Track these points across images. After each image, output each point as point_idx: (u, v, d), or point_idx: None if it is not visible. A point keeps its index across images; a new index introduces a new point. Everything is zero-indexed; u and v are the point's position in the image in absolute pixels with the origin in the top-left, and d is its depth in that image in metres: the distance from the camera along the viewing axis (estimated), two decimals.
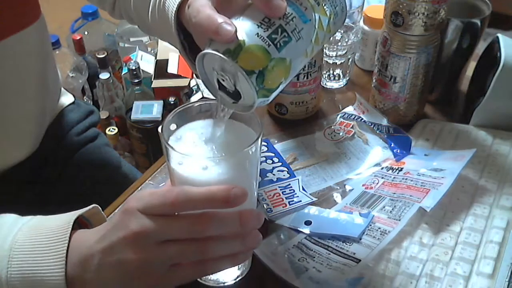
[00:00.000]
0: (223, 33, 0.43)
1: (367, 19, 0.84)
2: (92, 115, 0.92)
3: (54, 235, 0.48)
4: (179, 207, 0.45)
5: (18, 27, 0.69)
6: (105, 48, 1.71)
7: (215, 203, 0.45)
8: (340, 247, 0.60)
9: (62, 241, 0.47)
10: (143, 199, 0.45)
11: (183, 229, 0.45)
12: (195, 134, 0.51)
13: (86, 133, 0.88)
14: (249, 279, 0.58)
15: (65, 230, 0.48)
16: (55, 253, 0.47)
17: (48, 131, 0.83)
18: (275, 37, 0.44)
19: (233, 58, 0.43)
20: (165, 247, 0.45)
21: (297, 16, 0.45)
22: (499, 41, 0.72)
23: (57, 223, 0.49)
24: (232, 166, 0.47)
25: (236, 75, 0.45)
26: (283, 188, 0.67)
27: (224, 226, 0.46)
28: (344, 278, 0.55)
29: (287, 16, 0.45)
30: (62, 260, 0.46)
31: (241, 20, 0.45)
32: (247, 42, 0.43)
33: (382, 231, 0.60)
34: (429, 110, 0.81)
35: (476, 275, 0.56)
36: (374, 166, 0.71)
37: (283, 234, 0.62)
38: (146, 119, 1.41)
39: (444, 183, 0.62)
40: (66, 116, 0.87)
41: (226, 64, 0.44)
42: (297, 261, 0.58)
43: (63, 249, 0.47)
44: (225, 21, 0.44)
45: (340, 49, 0.82)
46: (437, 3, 0.66)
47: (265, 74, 0.44)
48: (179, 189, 0.45)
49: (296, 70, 0.48)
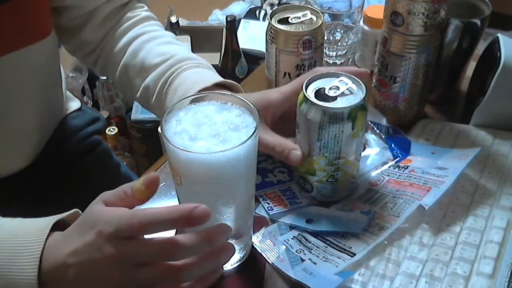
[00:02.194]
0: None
1: (367, 19, 0.84)
2: (97, 123, 0.91)
3: (31, 237, 0.48)
4: (144, 231, 0.46)
5: (24, 42, 0.68)
6: None
7: (178, 224, 0.46)
8: (338, 240, 0.60)
9: (38, 243, 0.47)
10: (112, 223, 0.45)
11: (151, 255, 0.46)
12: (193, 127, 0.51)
13: (88, 140, 0.88)
14: (248, 265, 0.59)
15: (42, 233, 0.48)
16: (30, 255, 0.47)
17: (49, 139, 0.83)
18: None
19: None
20: (139, 271, 0.46)
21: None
22: (499, 41, 0.72)
23: (36, 225, 0.49)
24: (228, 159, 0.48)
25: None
26: (284, 191, 0.67)
27: (194, 249, 0.46)
28: (336, 270, 0.56)
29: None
30: (36, 262, 0.47)
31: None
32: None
33: (380, 227, 0.60)
34: (429, 110, 0.81)
35: (476, 275, 0.56)
36: (381, 164, 0.71)
37: (284, 225, 0.63)
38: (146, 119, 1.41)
39: (446, 181, 0.62)
40: (69, 123, 0.87)
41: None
42: (295, 252, 0.59)
43: (38, 251, 0.47)
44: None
45: (340, 49, 0.82)
46: (437, 3, 0.66)
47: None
48: (143, 212, 0.45)
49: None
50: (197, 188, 0.52)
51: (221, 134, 0.50)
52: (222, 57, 1.57)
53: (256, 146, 0.51)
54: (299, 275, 0.56)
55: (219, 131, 0.50)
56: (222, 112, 0.53)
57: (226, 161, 0.48)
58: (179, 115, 0.52)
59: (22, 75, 0.71)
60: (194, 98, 0.54)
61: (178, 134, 0.50)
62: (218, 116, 0.52)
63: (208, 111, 0.53)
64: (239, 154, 0.49)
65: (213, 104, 0.54)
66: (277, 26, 0.71)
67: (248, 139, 0.48)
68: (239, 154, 0.49)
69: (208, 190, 0.51)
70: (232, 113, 0.52)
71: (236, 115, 0.52)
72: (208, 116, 0.52)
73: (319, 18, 0.72)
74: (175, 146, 0.48)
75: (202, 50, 1.64)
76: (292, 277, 0.56)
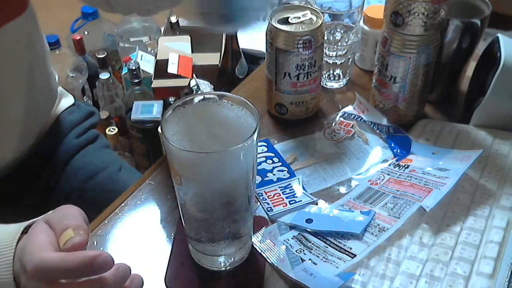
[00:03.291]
0: None
1: (367, 19, 0.84)
2: (92, 117, 0.91)
3: (3, 242, 0.49)
4: (47, 278, 0.45)
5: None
6: (105, 48, 1.71)
7: (79, 274, 0.45)
8: (338, 240, 0.60)
9: (9, 247, 0.49)
10: (27, 263, 0.45)
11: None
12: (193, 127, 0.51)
13: (85, 135, 0.88)
14: (248, 265, 0.59)
15: (12, 239, 0.49)
16: (4, 259, 0.49)
17: (45, 135, 0.82)
18: None
19: None
20: None
21: None
22: (499, 41, 0.72)
23: (8, 231, 0.50)
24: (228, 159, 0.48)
25: None
26: (283, 188, 0.67)
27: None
28: (337, 272, 0.56)
29: None
30: (10, 266, 0.48)
31: None
32: None
33: (380, 228, 0.60)
34: (429, 110, 0.80)
35: (476, 275, 0.56)
36: (381, 162, 0.71)
37: (284, 225, 0.63)
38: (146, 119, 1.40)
39: (447, 183, 0.62)
40: (65, 119, 0.87)
41: None
42: (295, 252, 0.59)
43: (10, 256, 0.48)
44: None
45: (340, 49, 0.82)
46: (437, 3, 0.66)
47: None
48: (39, 260, 0.45)
49: None
50: (197, 188, 0.52)
51: (221, 134, 0.50)
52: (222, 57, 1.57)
53: (256, 146, 0.51)
54: (300, 276, 0.56)
55: (219, 131, 0.50)
56: (222, 112, 0.53)
57: (226, 161, 0.48)
58: (179, 115, 0.52)
59: (1, 56, 0.69)
60: (194, 98, 0.54)
61: (178, 134, 0.50)
62: (218, 116, 0.52)
63: (208, 111, 0.53)
64: (239, 154, 0.49)
65: (213, 104, 0.54)
66: (277, 26, 0.71)
67: (248, 139, 0.48)
68: (239, 154, 0.49)
69: (208, 190, 0.51)
70: (232, 113, 0.52)
71: (236, 115, 0.52)
72: (208, 116, 0.52)
73: (319, 18, 0.72)
74: (175, 146, 0.48)
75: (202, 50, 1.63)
76: (292, 278, 0.56)
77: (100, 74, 1.50)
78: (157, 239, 0.64)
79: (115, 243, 0.63)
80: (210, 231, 0.56)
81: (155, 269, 0.59)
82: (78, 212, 0.49)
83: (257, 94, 0.83)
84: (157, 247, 0.62)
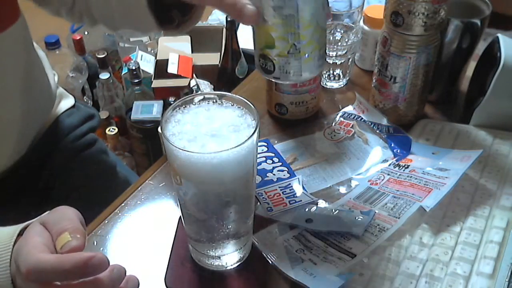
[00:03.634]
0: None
1: (367, 19, 0.84)
2: (91, 120, 0.90)
3: (0, 245, 0.49)
4: (42, 280, 0.45)
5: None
6: (105, 48, 1.71)
7: (74, 275, 0.45)
8: (338, 240, 0.60)
9: (6, 250, 0.49)
10: (22, 264, 0.46)
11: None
12: (193, 128, 0.51)
13: (83, 140, 0.87)
14: (248, 265, 0.59)
15: (9, 242, 0.49)
16: (0, 262, 0.49)
17: (42, 137, 0.82)
18: None
19: None
20: None
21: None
22: (499, 41, 0.72)
23: (4, 233, 0.50)
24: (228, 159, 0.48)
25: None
26: (283, 188, 0.68)
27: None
28: (337, 272, 0.56)
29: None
30: (7, 268, 0.48)
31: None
32: None
33: (380, 228, 0.60)
34: (429, 110, 0.81)
35: (476, 275, 0.56)
36: (381, 162, 0.71)
37: (284, 224, 0.63)
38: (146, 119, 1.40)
39: (447, 183, 0.62)
40: (63, 121, 0.86)
41: None
42: (295, 251, 0.59)
43: (7, 258, 0.48)
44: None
45: (340, 49, 0.82)
46: (437, 3, 0.66)
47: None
48: (34, 262, 0.45)
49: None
50: (197, 188, 0.52)
51: (221, 134, 0.50)
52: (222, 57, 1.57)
53: (256, 146, 0.51)
54: (300, 276, 0.56)
55: (219, 131, 0.50)
56: (222, 112, 0.53)
57: (226, 161, 0.48)
58: (179, 115, 0.52)
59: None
60: (194, 98, 0.54)
61: (178, 134, 0.50)
62: (218, 116, 0.52)
63: (208, 111, 0.53)
64: (239, 154, 0.49)
65: (213, 104, 0.54)
66: None
67: (248, 140, 0.48)
68: (239, 154, 0.49)
69: (208, 190, 0.51)
70: (232, 113, 0.52)
71: (236, 115, 0.52)
72: (208, 116, 0.52)
73: None
74: (175, 146, 0.48)
75: (202, 50, 1.63)
76: (292, 278, 0.56)
77: (100, 74, 1.50)
78: (157, 239, 0.64)
79: (115, 243, 0.63)
80: (210, 231, 0.56)
81: (155, 269, 0.59)
82: (74, 214, 0.49)
83: (257, 94, 0.83)
84: (157, 247, 0.62)
